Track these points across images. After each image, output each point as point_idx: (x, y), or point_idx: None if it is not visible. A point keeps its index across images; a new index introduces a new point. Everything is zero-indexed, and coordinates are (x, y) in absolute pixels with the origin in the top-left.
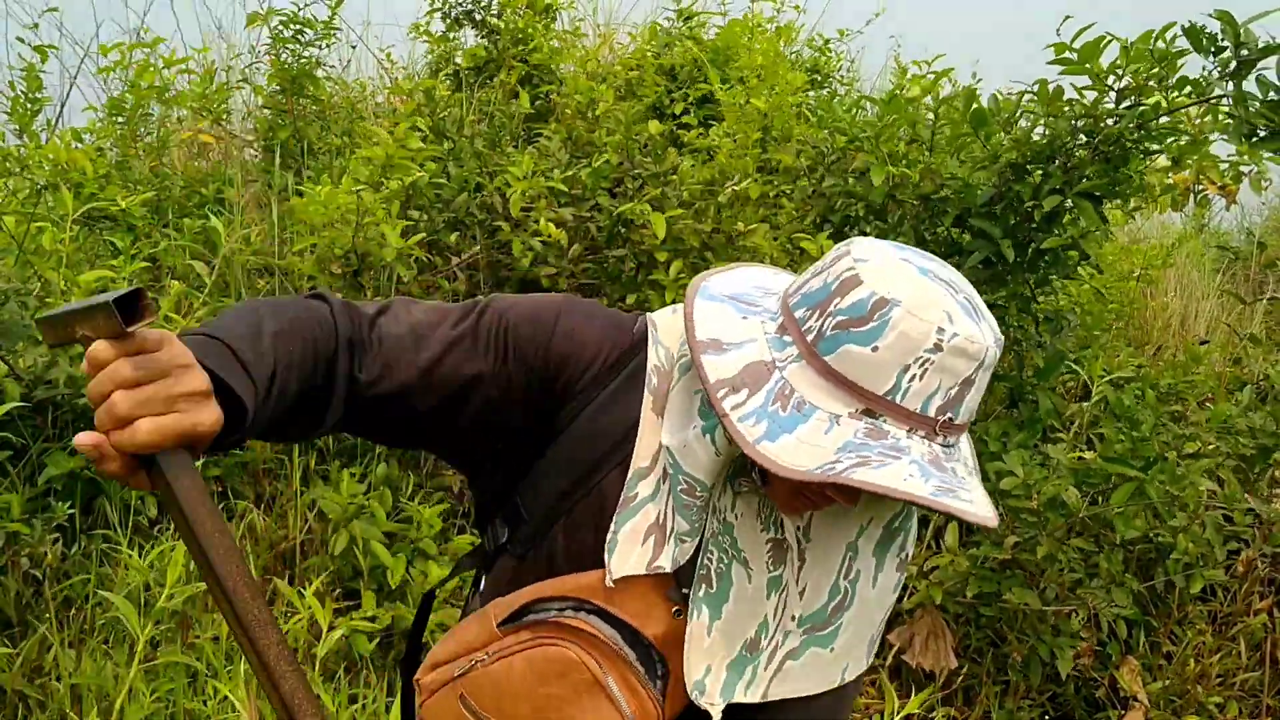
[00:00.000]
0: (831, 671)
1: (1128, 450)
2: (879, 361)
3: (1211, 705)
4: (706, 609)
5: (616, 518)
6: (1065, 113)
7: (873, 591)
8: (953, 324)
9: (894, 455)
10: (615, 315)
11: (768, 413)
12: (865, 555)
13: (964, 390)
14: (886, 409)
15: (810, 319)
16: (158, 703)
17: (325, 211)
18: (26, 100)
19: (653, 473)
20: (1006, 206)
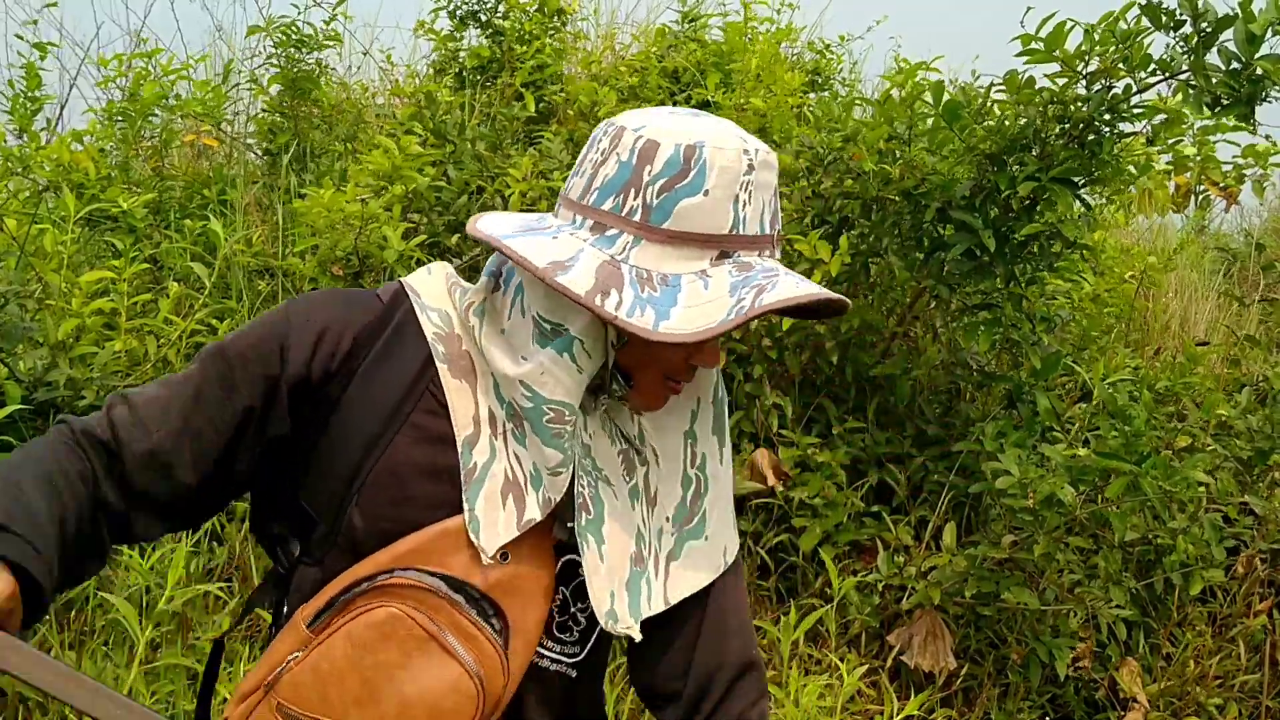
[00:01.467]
0: (714, 558)
1: (1121, 445)
2: (712, 203)
3: (1211, 707)
4: (592, 537)
5: (465, 494)
6: (1035, 100)
7: (721, 469)
8: (748, 143)
9: (771, 275)
10: (346, 293)
11: (643, 299)
12: (705, 438)
13: (775, 200)
14: (737, 243)
15: (627, 200)
16: (158, 704)
17: (328, 215)
18: (26, 99)
19: (480, 436)
20: (986, 198)
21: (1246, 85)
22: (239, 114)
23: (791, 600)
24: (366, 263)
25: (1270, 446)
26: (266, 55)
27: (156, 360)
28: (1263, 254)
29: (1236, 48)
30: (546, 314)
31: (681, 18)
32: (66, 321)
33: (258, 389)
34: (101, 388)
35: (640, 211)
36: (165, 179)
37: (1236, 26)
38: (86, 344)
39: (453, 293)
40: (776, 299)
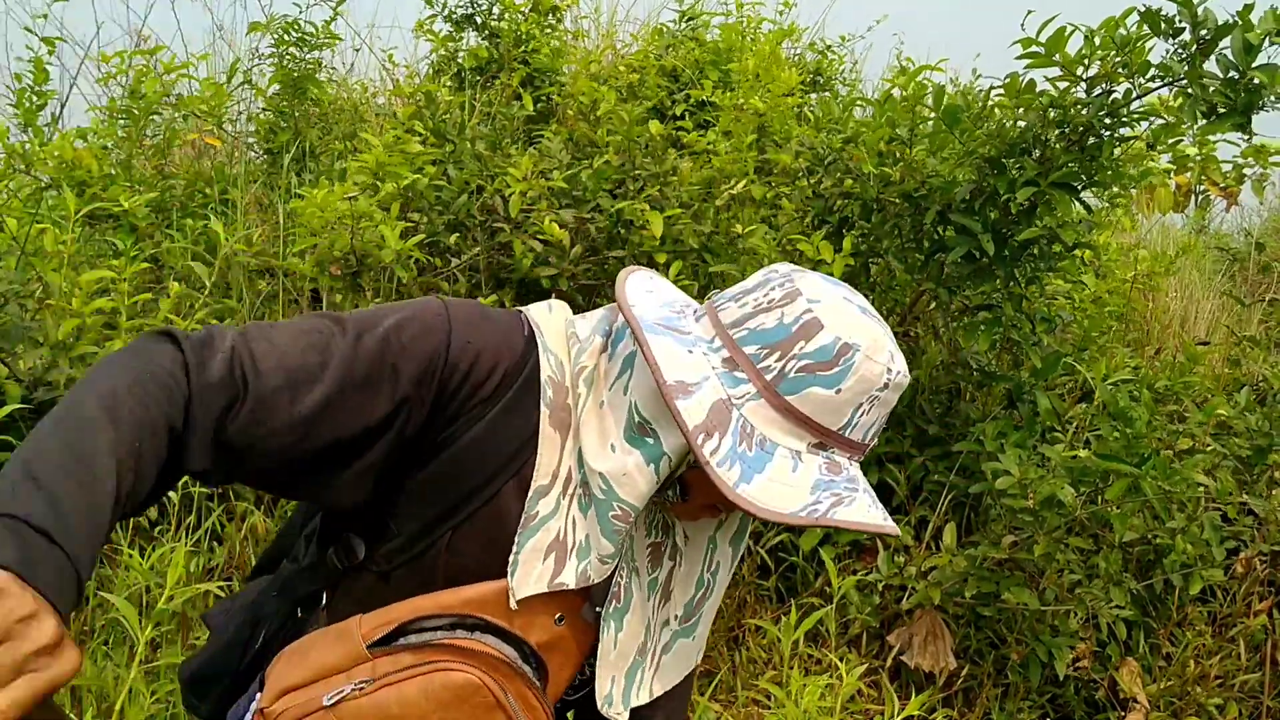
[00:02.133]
0: (693, 657)
1: (1121, 447)
2: (840, 402)
3: (1211, 707)
4: (613, 624)
5: (518, 538)
6: (1035, 104)
7: (725, 577)
8: (894, 362)
9: (853, 488)
10: (499, 319)
11: (737, 454)
12: (723, 547)
13: (886, 417)
14: (837, 442)
15: (768, 359)
16: (157, 704)
17: (322, 215)
18: (32, 93)
19: (553, 489)
20: (986, 201)
21: (1243, 95)
22: (240, 113)
23: (792, 600)
24: (365, 261)
25: (1269, 445)
26: (265, 54)
27: None
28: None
29: (1234, 56)
30: (644, 409)
31: (679, 17)
32: (67, 321)
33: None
34: None
35: (774, 375)
36: (167, 177)
37: (1234, 35)
38: (86, 343)
39: (570, 344)
40: (847, 517)
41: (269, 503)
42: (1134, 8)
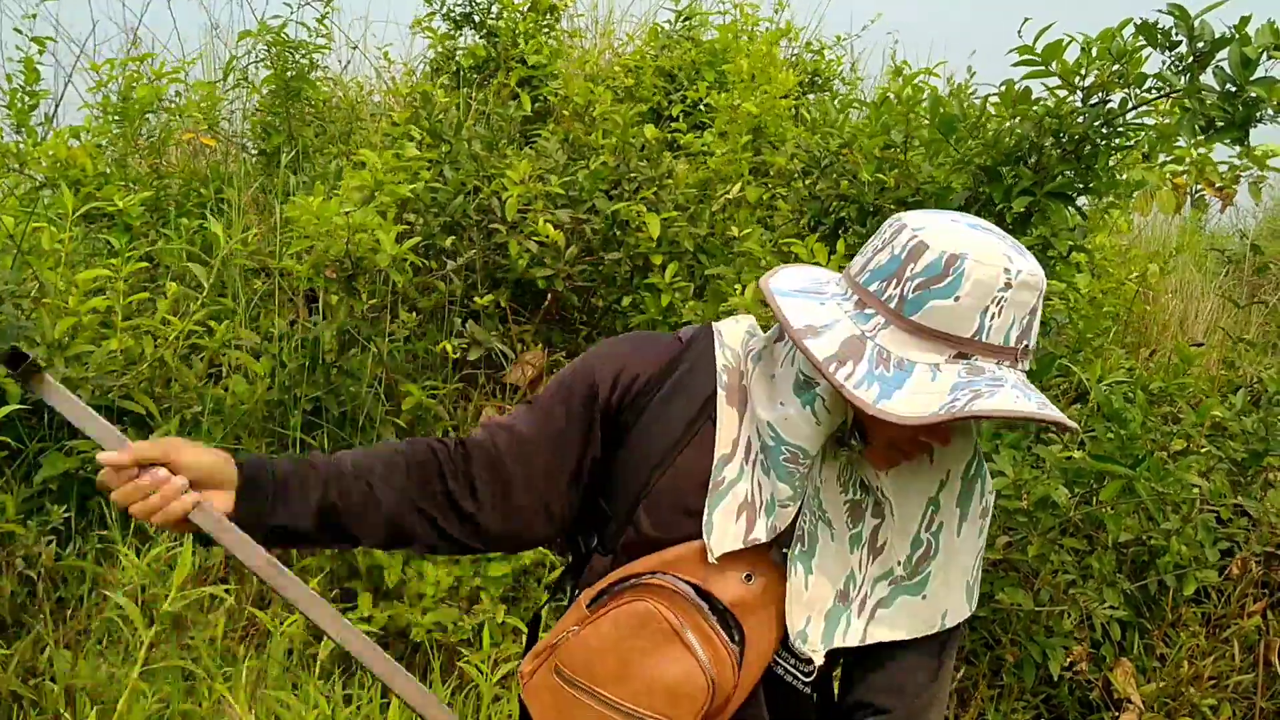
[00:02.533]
0: (930, 616)
1: (1116, 448)
2: (962, 309)
3: (1205, 707)
4: (801, 565)
5: (708, 502)
6: (1031, 113)
7: (957, 540)
8: (1013, 263)
9: (997, 384)
10: (643, 337)
11: (875, 375)
12: (948, 508)
13: (1031, 319)
14: (976, 349)
15: (888, 288)
16: (157, 704)
17: (318, 223)
18: (24, 94)
19: (735, 456)
20: (981, 208)
21: (1240, 109)
22: (235, 112)
23: None
24: (360, 265)
25: (1264, 448)
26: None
27: (153, 360)
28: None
29: (1231, 70)
30: (805, 369)
31: (675, 17)
32: (63, 320)
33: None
34: (97, 387)
35: (896, 301)
36: (163, 177)
37: (1232, 49)
38: (82, 342)
39: (744, 337)
40: (987, 406)
41: None
42: (1131, 19)
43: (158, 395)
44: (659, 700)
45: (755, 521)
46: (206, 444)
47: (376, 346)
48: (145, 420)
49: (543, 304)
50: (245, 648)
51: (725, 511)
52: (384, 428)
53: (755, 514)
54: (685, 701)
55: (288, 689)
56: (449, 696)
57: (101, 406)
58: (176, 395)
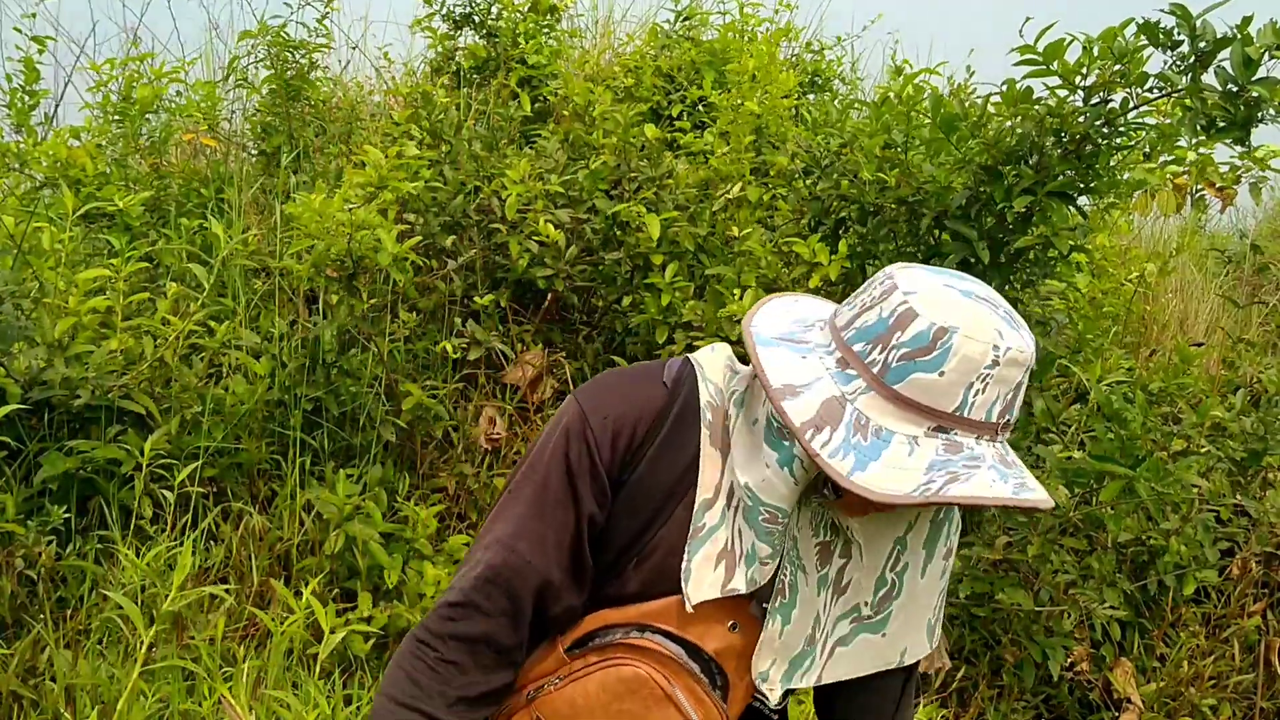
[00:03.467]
0: (889, 653)
1: (1116, 449)
2: (946, 384)
3: (1205, 708)
4: (780, 617)
5: (688, 548)
6: (1032, 113)
7: (921, 581)
8: (1003, 339)
9: (974, 465)
10: (632, 380)
11: (851, 445)
12: (914, 549)
13: (1016, 394)
14: (956, 423)
15: (872, 352)
16: (157, 704)
17: (319, 222)
18: (24, 93)
19: (717, 502)
20: (982, 208)
21: (1242, 109)
22: (235, 112)
23: None
24: (360, 264)
25: (1264, 448)
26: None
27: (153, 360)
28: (1258, 256)
29: (1233, 70)
30: (781, 420)
31: (675, 17)
32: (63, 320)
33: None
34: (97, 387)
35: (880, 367)
36: (163, 176)
37: (1233, 48)
38: (82, 342)
39: (726, 372)
40: (961, 492)
41: (263, 502)
42: (1132, 18)
43: (158, 395)
44: None
45: (735, 571)
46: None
47: (377, 346)
48: (145, 420)
49: (543, 304)
50: (245, 648)
51: (705, 558)
52: (384, 428)
53: (735, 563)
54: None
55: (288, 689)
56: None
57: (101, 406)
58: (176, 395)
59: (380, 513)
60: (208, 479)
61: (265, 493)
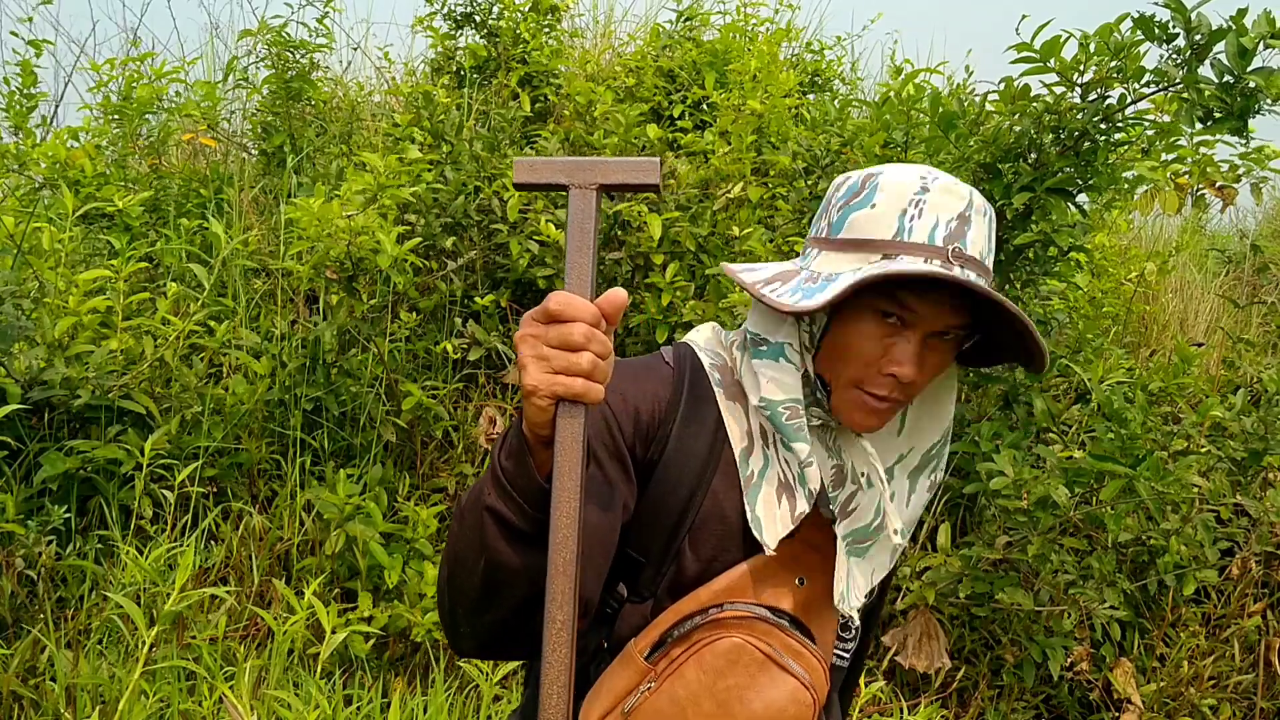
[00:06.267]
0: (869, 580)
1: (1116, 448)
2: (880, 214)
3: (1205, 708)
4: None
5: (746, 499)
6: (1030, 110)
7: (904, 510)
8: (928, 172)
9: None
10: (639, 361)
11: (800, 289)
12: (900, 479)
13: (962, 225)
14: (900, 248)
15: (820, 223)
16: (157, 705)
17: (319, 225)
18: (22, 95)
19: (754, 448)
20: None
21: (1239, 100)
22: (234, 112)
23: None
24: (361, 265)
25: (1264, 448)
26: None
27: (153, 360)
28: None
29: (1229, 61)
30: (756, 329)
31: (676, 17)
32: (63, 320)
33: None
34: (97, 387)
35: (825, 229)
36: (162, 176)
37: (1228, 40)
38: (82, 342)
39: (716, 334)
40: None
41: (264, 503)
42: (1128, 13)
43: (158, 395)
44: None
45: (796, 497)
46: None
47: (377, 346)
48: (145, 420)
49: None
50: (246, 647)
51: (766, 501)
52: (384, 428)
53: (794, 490)
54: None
55: (289, 689)
56: (450, 696)
57: (101, 406)
58: (176, 395)
59: (380, 513)
60: (208, 479)
61: (265, 493)
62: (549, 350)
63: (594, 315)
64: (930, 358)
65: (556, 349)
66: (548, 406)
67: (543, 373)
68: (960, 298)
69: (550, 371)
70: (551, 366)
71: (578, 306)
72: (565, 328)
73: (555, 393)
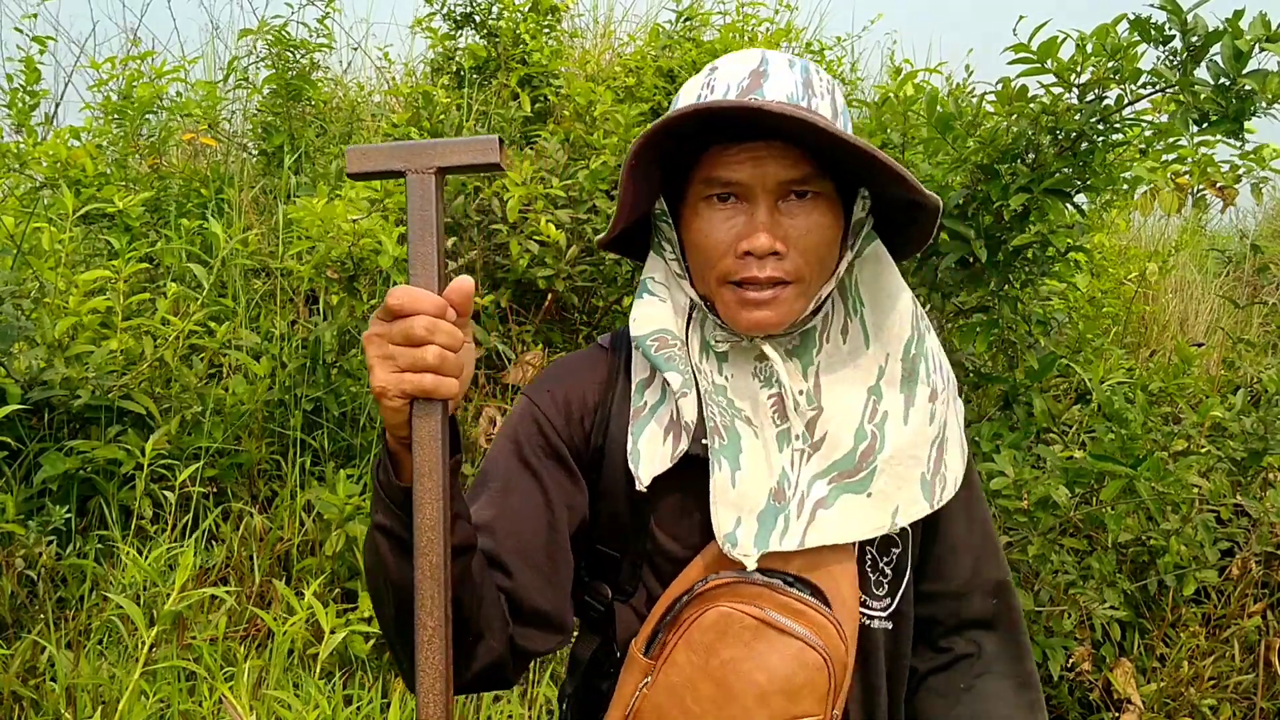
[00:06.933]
0: (878, 517)
1: (1116, 449)
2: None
3: (1205, 708)
4: (725, 460)
5: (631, 430)
6: (1028, 111)
7: (906, 429)
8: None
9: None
10: (577, 354)
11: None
12: (891, 396)
13: (756, 79)
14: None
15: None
16: (156, 704)
17: (320, 226)
18: (24, 93)
19: (655, 382)
20: (979, 206)
21: (1234, 102)
22: (235, 112)
23: None
24: (361, 266)
25: (1264, 448)
26: (259, 56)
27: (153, 360)
28: (1258, 256)
29: (1224, 63)
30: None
31: (676, 17)
32: (63, 320)
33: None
34: (97, 387)
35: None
36: (163, 176)
37: (1224, 42)
38: (82, 343)
39: None
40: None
41: (264, 503)
42: (1125, 15)
43: (158, 395)
44: (778, 704)
45: (682, 436)
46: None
47: None
48: (145, 420)
49: (543, 304)
50: (246, 648)
51: (651, 437)
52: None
53: (681, 431)
54: (806, 690)
55: (289, 689)
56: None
57: (101, 406)
58: (176, 395)
59: None
60: (208, 479)
61: (265, 493)
62: (394, 348)
63: (438, 307)
64: (792, 222)
65: (400, 346)
66: (401, 407)
67: (389, 372)
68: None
69: (397, 370)
70: (398, 365)
71: (418, 299)
72: (406, 323)
73: (404, 391)
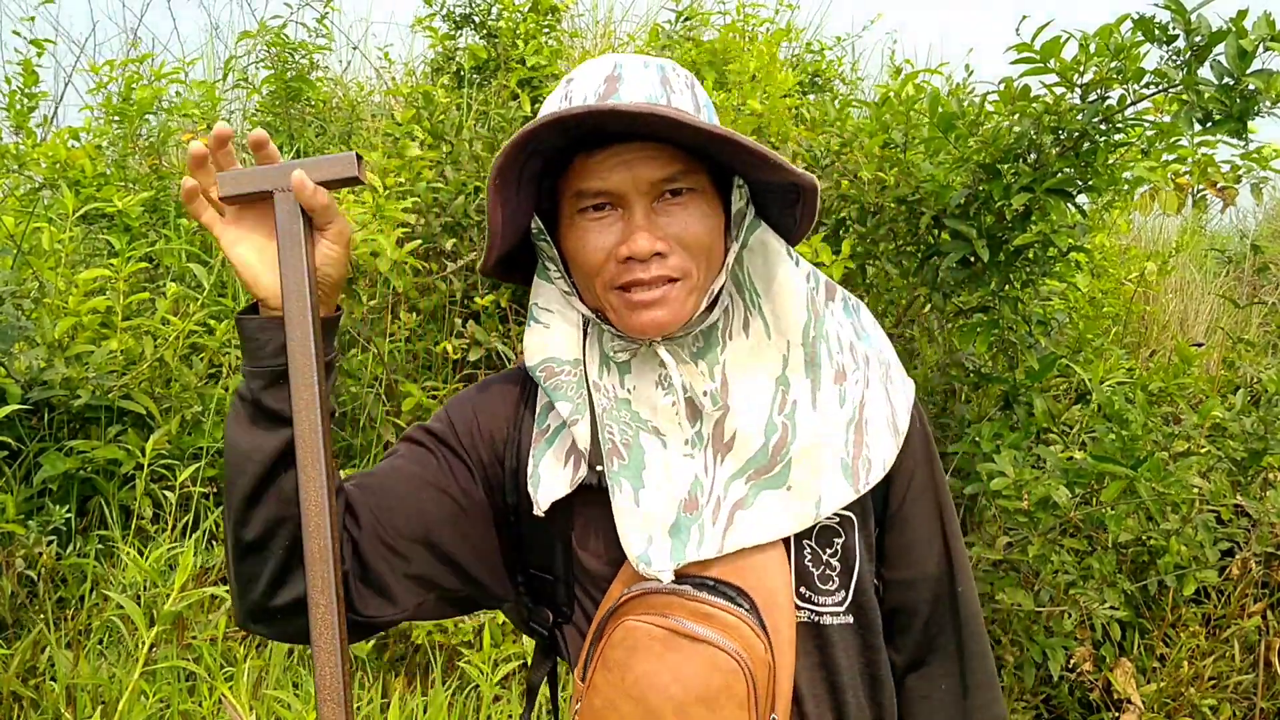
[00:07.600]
0: (800, 509)
1: (1117, 449)
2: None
3: (1205, 708)
4: (626, 481)
5: (534, 452)
6: (1030, 110)
7: (815, 415)
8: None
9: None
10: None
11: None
12: (798, 382)
13: (612, 85)
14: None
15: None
16: (156, 704)
17: None
18: (23, 95)
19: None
20: (981, 206)
21: (1238, 102)
22: (234, 113)
23: None
24: (360, 268)
25: (1264, 448)
26: (258, 58)
27: (153, 360)
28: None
29: (1228, 63)
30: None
31: (676, 17)
32: (63, 320)
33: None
34: (97, 387)
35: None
36: (163, 177)
37: (1228, 41)
38: (82, 342)
39: None
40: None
41: None
42: (1128, 15)
43: (158, 395)
44: (697, 714)
45: (580, 464)
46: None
47: (377, 347)
48: (145, 420)
49: None
50: (246, 648)
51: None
52: (384, 428)
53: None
54: (724, 697)
55: (288, 689)
56: (449, 696)
57: (101, 406)
58: (176, 395)
59: None
60: (208, 479)
61: None
62: None
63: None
64: (670, 221)
65: None
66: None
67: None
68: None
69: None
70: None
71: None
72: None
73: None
